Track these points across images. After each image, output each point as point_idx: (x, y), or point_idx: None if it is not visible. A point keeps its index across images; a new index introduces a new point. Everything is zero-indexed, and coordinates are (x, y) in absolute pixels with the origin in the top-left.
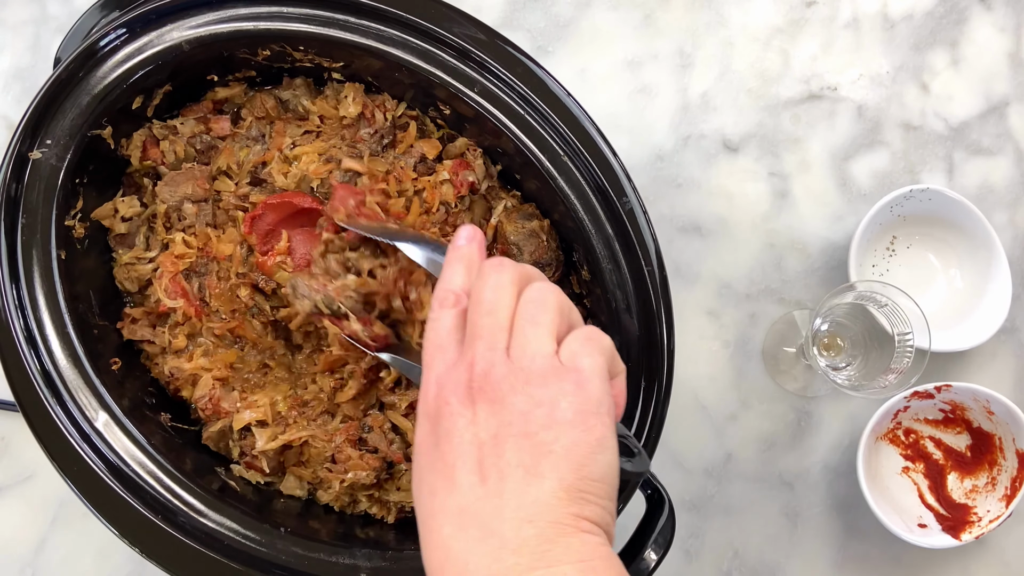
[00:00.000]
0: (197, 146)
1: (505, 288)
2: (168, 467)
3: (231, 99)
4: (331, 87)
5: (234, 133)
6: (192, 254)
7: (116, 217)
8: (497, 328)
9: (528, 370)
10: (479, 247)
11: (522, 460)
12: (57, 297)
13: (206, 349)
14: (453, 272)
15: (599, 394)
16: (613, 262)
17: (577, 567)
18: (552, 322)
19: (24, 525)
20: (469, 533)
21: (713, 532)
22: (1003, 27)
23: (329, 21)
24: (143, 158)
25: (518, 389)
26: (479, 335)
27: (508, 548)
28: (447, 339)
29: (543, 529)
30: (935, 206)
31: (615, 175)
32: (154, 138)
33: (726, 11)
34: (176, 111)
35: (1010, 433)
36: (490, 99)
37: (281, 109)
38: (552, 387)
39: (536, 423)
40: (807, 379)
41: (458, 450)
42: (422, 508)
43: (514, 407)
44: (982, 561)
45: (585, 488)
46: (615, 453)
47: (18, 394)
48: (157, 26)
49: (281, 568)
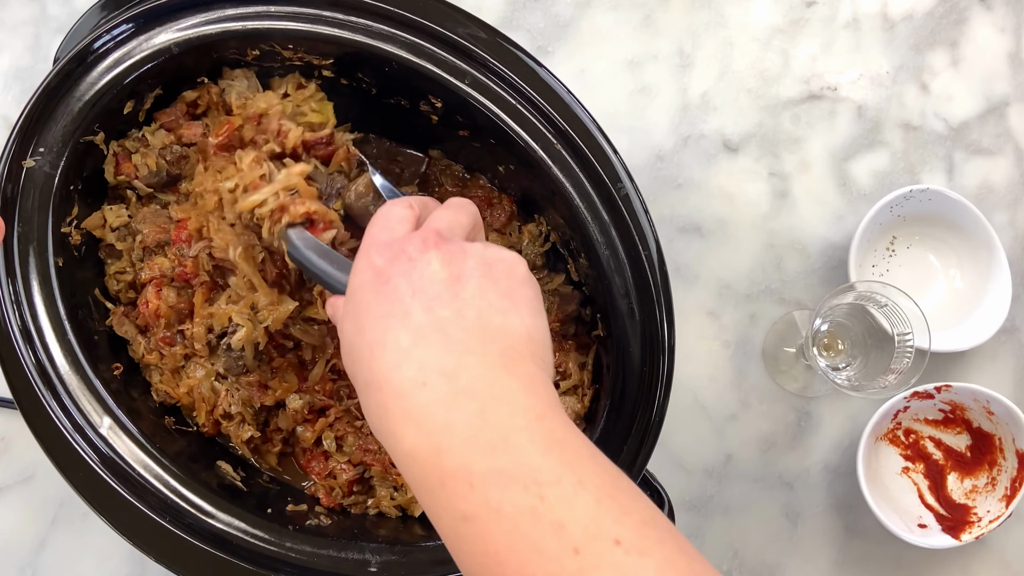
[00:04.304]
0: (167, 157)
1: (400, 204)
2: (174, 469)
3: (202, 101)
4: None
5: (203, 139)
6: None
7: (106, 227)
8: (456, 224)
9: (482, 245)
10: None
11: (487, 296)
12: (56, 303)
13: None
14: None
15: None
16: (610, 248)
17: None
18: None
19: (24, 525)
20: (431, 339)
21: (713, 532)
22: (1003, 27)
23: (315, 18)
24: (116, 173)
25: (476, 249)
26: (436, 220)
27: (472, 352)
28: (397, 223)
29: (504, 349)
30: (935, 206)
31: (610, 163)
32: (126, 152)
33: (726, 11)
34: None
35: (1010, 433)
36: (482, 91)
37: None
38: (506, 256)
39: (499, 271)
40: (807, 379)
41: (418, 284)
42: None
43: (474, 254)
44: (982, 561)
45: (538, 339)
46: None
47: (20, 400)
48: (146, 29)
49: (291, 566)
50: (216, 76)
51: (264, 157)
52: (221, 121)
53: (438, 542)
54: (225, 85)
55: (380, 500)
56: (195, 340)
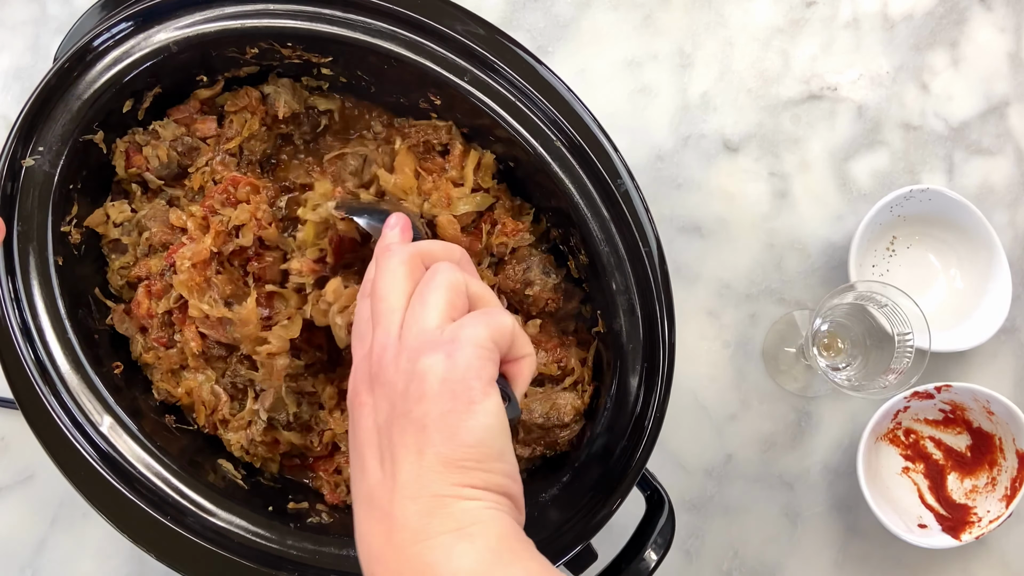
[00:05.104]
0: (179, 149)
1: (395, 271)
2: (175, 467)
3: (216, 99)
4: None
5: (219, 134)
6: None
7: (108, 223)
8: (389, 312)
9: (410, 348)
10: (401, 233)
11: (406, 440)
12: (56, 302)
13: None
14: (373, 262)
15: (468, 359)
16: (610, 244)
17: (453, 535)
18: (442, 299)
19: (24, 525)
20: (372, 515)
21: (713, 532)
22: (1003, 27)
23: (315, 16)
24: (127, 166)
25: (399, 367)
26: (377, 322)
27: (396, 526)
28: (364, 328)
29: (424, 504)
30: (935, 206)
31: (610, 160)
32: (136, 145)
33: (726, 11)
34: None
35: (1010, 433)
36: (481, 88)
37: (264, 104)
38: (425, 360)
39: (411, 399)
40: (807, 379)
41: (364, 438)
42: (352, 495)
43: (395, 386)
44: (982, 561)
45: (463, 456)
46: (493, 415)
47: (21, 399)
48: (145, 28)
49: (292, 563)
50: (215, 75)
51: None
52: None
53: None
54: (271, 91)
55: None
56: (188, 352)
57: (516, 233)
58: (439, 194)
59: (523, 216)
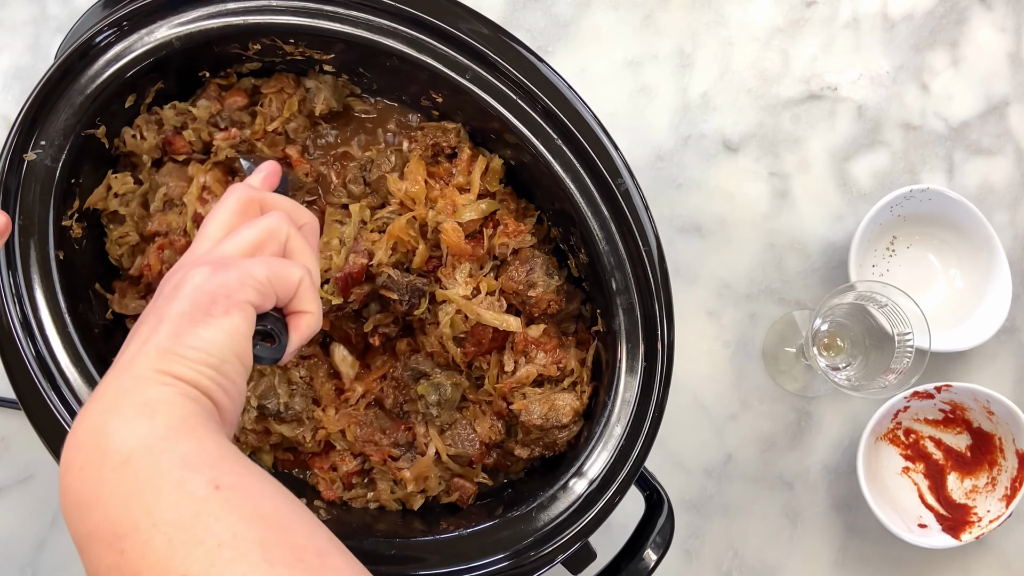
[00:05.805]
0: (221, 125)
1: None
2: None
3: (276, 93)
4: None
5: (251, 109)
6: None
7: (109, 195)
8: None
9: (196, 262)
10: (264, 179)
11: (141, 329)
12: (57, 296)
13: None
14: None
15: (227, 279)
16: (609, 243)
17: (136, 409)
18: (251, 237)
19: (24, 525)
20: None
21: (713, 532)
22: (1003, 27)
23: (317, 12)
24: (172, 152)
25: (177, 275)
26: (193, 244)
27: (95, 398)
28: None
29: (125, 381)
30: (935, 206)
31: (610, 158)
32: (173, 129)
33: (726, 11)
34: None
35: (1010, 433)
36: (481, 85)
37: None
38: (193, 270)
39: (165, 297)
40: (807, 379)
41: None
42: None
43: (163, 289)
44: (982, 561)
45: (179, 351)
46: (224, 333)
47: (21, 394)
48: (147, 23)
49: None
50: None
51: None
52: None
53: (437, 537)
54: (312, 85)
55: (380, 494)
56: None
57: (518, 234)
58: (444, 201)
59: (527, 218)
